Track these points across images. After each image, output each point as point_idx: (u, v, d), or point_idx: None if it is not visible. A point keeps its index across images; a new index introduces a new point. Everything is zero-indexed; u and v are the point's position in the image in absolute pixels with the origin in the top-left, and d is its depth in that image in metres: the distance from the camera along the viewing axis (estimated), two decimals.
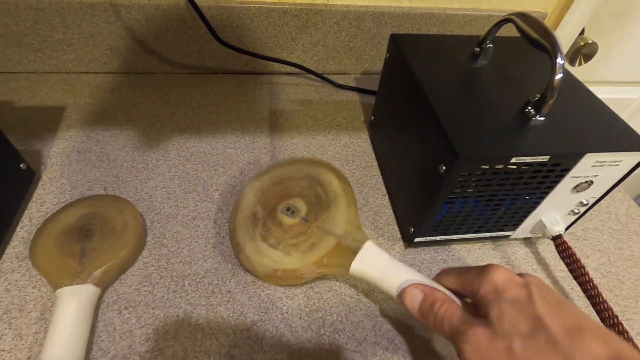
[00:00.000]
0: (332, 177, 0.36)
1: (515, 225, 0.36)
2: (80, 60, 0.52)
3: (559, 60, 0.27)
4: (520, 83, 0.34)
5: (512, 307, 0.22)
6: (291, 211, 0.34)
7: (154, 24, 0.50)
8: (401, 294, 0.27)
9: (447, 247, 0.38)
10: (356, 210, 0.34)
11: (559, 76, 0.27)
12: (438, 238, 0.36)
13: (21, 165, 0.36)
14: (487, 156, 0.27)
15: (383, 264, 0.29)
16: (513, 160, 0.27)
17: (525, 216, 0.34)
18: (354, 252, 0.30)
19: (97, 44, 0.51)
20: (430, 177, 0.31)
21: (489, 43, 0.36)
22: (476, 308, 0.25)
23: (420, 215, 0.33)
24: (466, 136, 0.28)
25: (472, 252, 0.38)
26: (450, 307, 0.24)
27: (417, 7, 0.55)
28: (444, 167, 0.28)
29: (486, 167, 0.28)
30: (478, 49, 0.37)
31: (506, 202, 0.32)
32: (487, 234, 0.37)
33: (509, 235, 0.38)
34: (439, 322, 0.24)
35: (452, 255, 0.37)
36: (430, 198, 0.31)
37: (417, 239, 0.35)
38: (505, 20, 0.33)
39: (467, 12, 0.56)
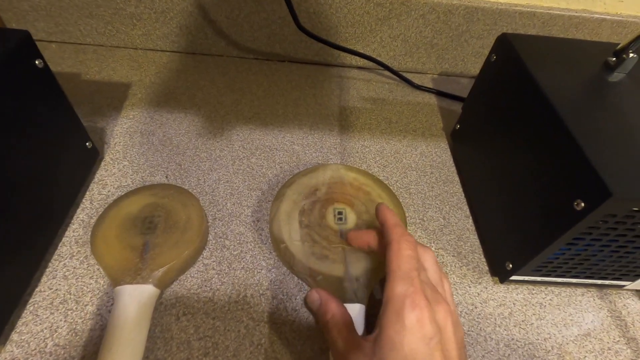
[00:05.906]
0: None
1: (637, 276, 0.30)
2: (148, 37, 0.50)
3: None
4: None
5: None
6: (339, 218, 0.31)
7: (228, 3, 0.47)
8: (306, 295, 0.28)
9: (543, 288, 0.32)
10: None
11: None
12: (539, 279, 0.31)
13: (87, 144, 0.34)
14: None
15: None
16: None
17: None
18: (343, 300, 0.27)
19: (168, 20, 0.48)
20: (553, 211, 0.25)
21: (631, 53, 0.30)
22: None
23: (527, 252, 0.28)
24: (617, 169, 0.22)
25: (573, 298, 0.32)
26: (337, 326, 0.24)
27: (518, 5, 0.48)
28: (582, 204, 0.23)
29: (637, 209, 0.22)
30: (614, 59, 0.31)
31: None
32: (599, 281, 0.31)
33: (624, 286, 0.32)
34: (329, 339, 0.24)
35: (550, 300, 0.32)
36: (549, 236, 0.25)
37: (514, 277, 0.30)
38: None
39: (575, 14, 0.48)
